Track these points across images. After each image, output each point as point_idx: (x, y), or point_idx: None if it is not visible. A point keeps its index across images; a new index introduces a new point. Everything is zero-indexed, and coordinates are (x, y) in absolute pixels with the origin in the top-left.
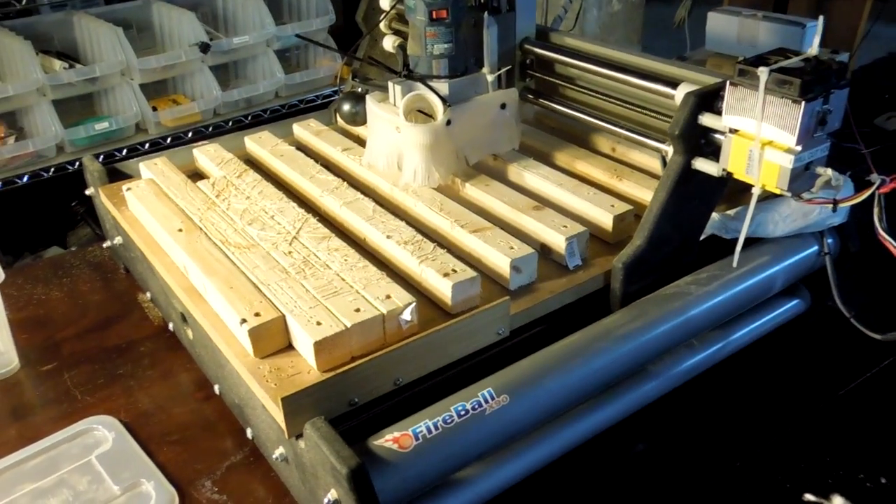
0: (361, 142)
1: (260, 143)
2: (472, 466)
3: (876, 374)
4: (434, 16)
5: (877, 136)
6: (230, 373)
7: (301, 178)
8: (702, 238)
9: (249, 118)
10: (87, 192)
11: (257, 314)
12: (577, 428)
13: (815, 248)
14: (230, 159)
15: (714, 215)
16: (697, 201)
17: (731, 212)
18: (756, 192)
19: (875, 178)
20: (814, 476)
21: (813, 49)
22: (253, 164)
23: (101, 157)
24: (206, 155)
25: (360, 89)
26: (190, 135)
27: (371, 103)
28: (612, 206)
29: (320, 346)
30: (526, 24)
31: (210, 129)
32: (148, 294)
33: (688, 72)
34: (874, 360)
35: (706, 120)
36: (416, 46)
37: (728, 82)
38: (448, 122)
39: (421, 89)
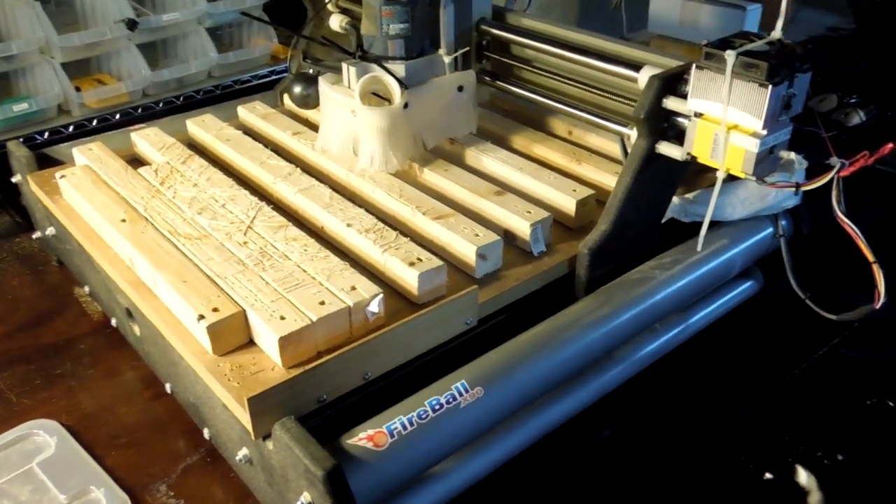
0: (312, 125)
1: (203, 127)
2: (445, 460)
3: (826, 354)
4: None
5: (810, 119)
6: (185, 371)
7: (251, 165)
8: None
9: (181, 99)
10: (14, 180)
11: (215, 309)
12: (545, 417)
13: (770, 230)
14: (172, 144)
15: (674, 199)
16: (660, 185)
17: (690, 195)
18: (721, 175)
19: (835, 161)
20: (774, 455)
21: (776, 33)
22: (196, 149)
23: (21, 140)
24: (146, 140)
25: (311, 71)
26: (118, 116)
27: (324, 86)
28: (574, 190)
29: (285, 342)
30: (482, 4)
31: (139, 110)
32: (86, 288)
33: (650, 55)
34: (824, 340)
35: (670, 103)
36: (371, 26)
37: (694, 65)
38: (405, 106)
39: (377, 71)
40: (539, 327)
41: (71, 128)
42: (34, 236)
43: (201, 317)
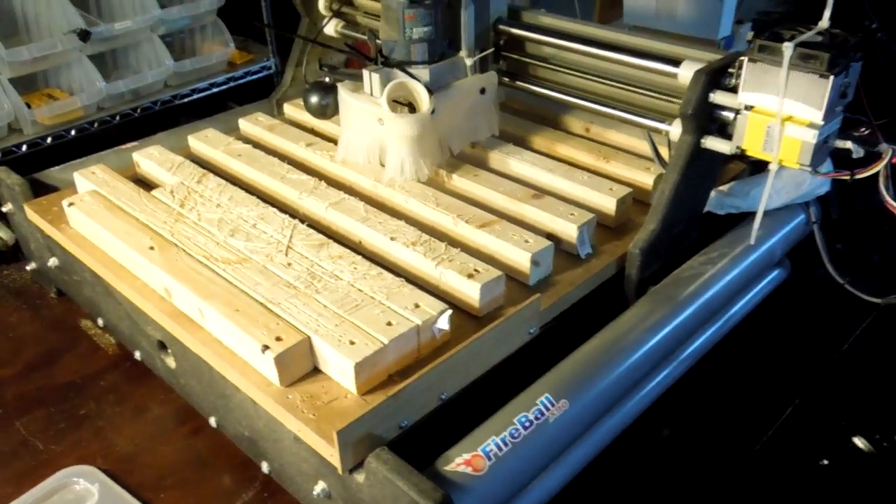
0: (319, 135)
1: (209, 143)
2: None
3: (861, 336)
4: None
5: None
6: (239, 404)
7: (270, 180)
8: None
9: (139, 111)
10: (4, 209)
11: (278, 338)
12: (617, 420)
13: (803, 217)
14: (181, 163)
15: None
16: (702, 180)
17: (724, 188)
18: (773, 168)
19: (885, 147)
20: (833, 441)
21: (823, 22)
22: (203, 166)
23: None
24: (151, 159)
25: (327, 79)
26: (73, 133)
27: (346, 94)
28: (611, 189)
29: (360, 368)
30: (498, 4)
31: (95, 125)
32: (100, 320)
33: (687, 49)
34: (854, 323)
35: (718, 98)
36: (392, 30)
37: (746, 59)
38: (433, 111)
39: (402, 77)
40: (606, 332)
41: (24, 147)
42: (28, 268)
43: (266, 347)
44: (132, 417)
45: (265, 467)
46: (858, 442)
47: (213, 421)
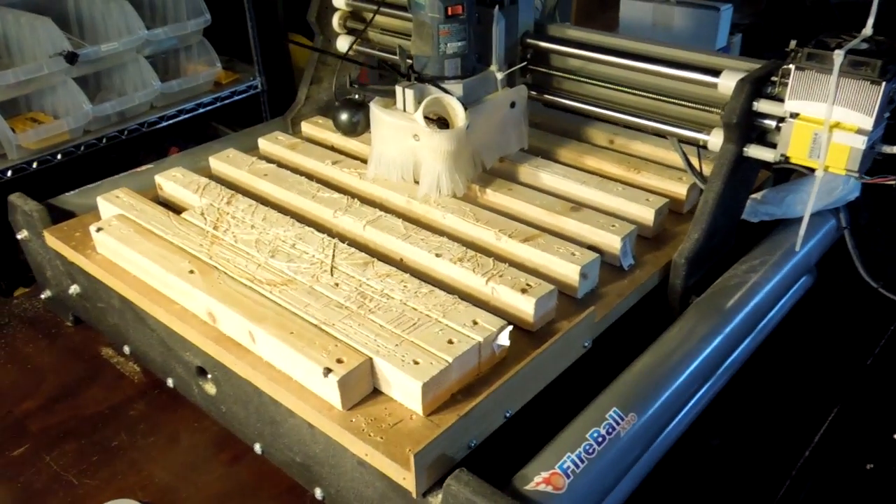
0: (341, 152)
1: (232, 163)
2: None
3: (891, 339)
4: (450, 12)
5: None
6: (292, 429)
7: (301, 199)
8: None
9: (125, 133)
10: (19, 237)
11: (340, 360)
12: (672, 432)
13: (833, 222)
14: (207, 184)
15: None
16: (741, 189)
17: (758, 195)
18: (819, 174)
19: None
20: (877, 445)
21: (867, 29)
22: (227, 186)
23: None
24: (175, 181)
25: (356, 96)
26: (59, 157)
27: (378, 111)
28: (648, 200)
29: (427, 388)
30: (526, 18)
31: (81, 148)
32: (126, 348)
33: (726, 59)
34: (882, 326)
35: (762, 106)
36: (426, 46)
37: (794, 67)
38: (467, 126)
39: (436, 92)
40: (661, 344)
41: (9, 172)
42: (43, 296)
43: (328, 370)
44: (167, 447)
45: (318, 493)
46: None
47: (257, 447)
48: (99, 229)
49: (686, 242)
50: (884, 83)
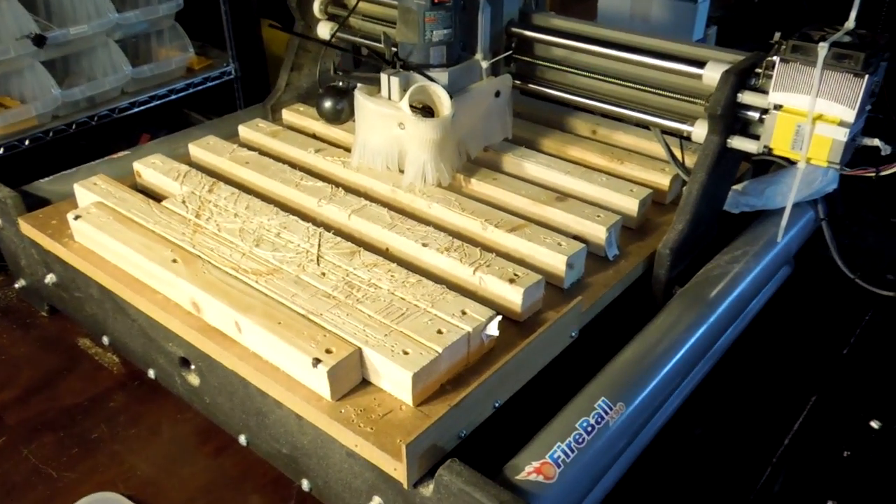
0: (323, 140)
1: (212, 151)
2: None
3: (865, 328)
4: None
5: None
6: (280, 420)
7: (285, 188)
8: None
9: (96, 119)
10: None
11: (329, 351)
12: (658, 421)
13: (811, 214)
14: (188, 171)
15: None
16: (724, 180)
17: (739, 187)
18: (801, 166)
19: None
20: (853, 432)
21: (850, 22)
22: (207, 174)
23: None
24: (154, 168)
25: (340, 83)
26: (27, 143)
27: (363, 98)
28: (632, 190)
29: (418, 378)
30: (511, 7)
31: (50, 134)
32: (105, 339)
33: (710, 51)
34: (857, 316)
35: (747, 98)
36: (411, 33)
37: (778, 59)
38: (453, 115)
39: (422, 80)
40: (649, 334)
41: None
42: (17, 285)
43: (317, 361)
44: (149, 439)
45: (305, 485)
46: (874, 424)
47: (242, 439)
48: (77, 217)
49: (670, 233)
50: (866, 76)
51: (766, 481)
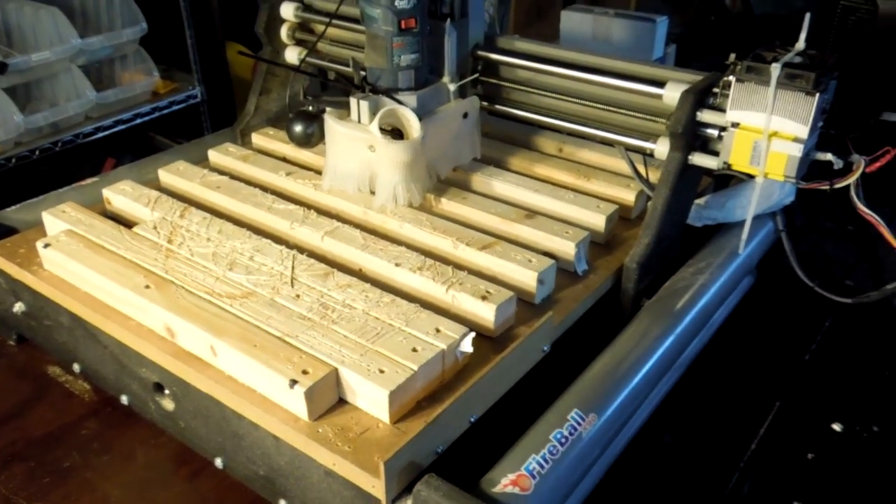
0: (294, 164)
1: (182, 176)
2: None
3: (826, 335)
4: (403, 25)
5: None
6: (256, 442)
7: (256, 211)
8: None
9: (60, 145)
10: None
11: (305, 372)
12: (628, 430)
13: (771, 225)
14: (158, 197)
15: None
16: (687, 195)
17: (701, 201)
18: (759, 181)
19: (857, 158)
20: (817, 436)
21: (800, 43)
22: (178, 199)
23: None
24: (125, 195)
25: (310, 108)
26: None
27: (333, 122)
28: (599, 206)
29: (394, 396)
30: (476, 30)
31: (12, 161)
32: (76, 366)
33: (669, 71)
34: (817, 322)
35: (705, 116)
36: (380, 58)
37: (734, 79)
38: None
39: (391, 104)
40: (618, 346)
41: None
42: None
43: (294, 382)
44: (123, 465)
45: None
46: (836, 427)
47: (218, 462)
48: (46, 245)
49: (637, 247)
50: (817, 94)
51: (734, 485)
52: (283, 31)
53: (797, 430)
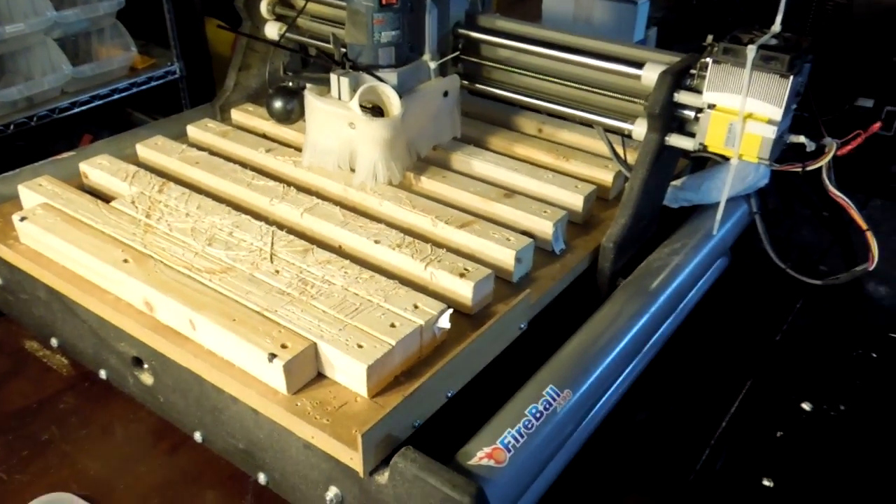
0: (274, 140)
1: (161, 151)
2: None
3: (797, 317)
4: (384, 1)
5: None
6: (235, 416)
7: (236, 187)
8: None
9: (35, 120)
10: None
11: (284, 346)
12: (603, 407)
13: (745, 207)
14: (136, 172)
15: None
16: (664, 176)
17: (677, 182)
18: (734, 162)
19: (829, 141)
20: (787, 414)
21: (776, 26)
22: (155, 174)
23: None
24: (102, 169)
25: (290, 83)
26: None
27: (314, 99)
28: (577, 186)
29: (372, 371)
30: (457, 9)
31: None
32: (53, 341)
33: (648, 52)
34: (787, 304)
35: (682, 97)
36: (360, 34)
37: (711, 60)
38: (402, 114)
39: (372, 81)
40: (594, 324)
41: None
42: None
43: (273, 356)
44: (101, 439)
45: (262, 479)
46: (806, 406)
47: (197, 436)
48: (23, 218)
49: (613, 227)
50: (791, 76)
51: (705, 461)
52: (263, 6)
53: (767, 409)
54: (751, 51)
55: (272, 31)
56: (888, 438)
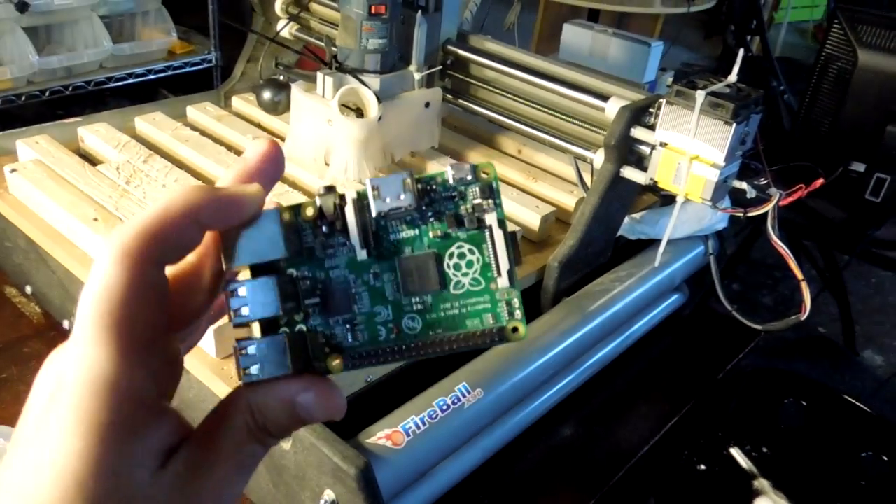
0: (267, 130)
1: (156, 125)
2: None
3: (743, 359)
4: (373, 10)
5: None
6: None
7: (217, 168)
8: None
9: (70, 89)
10: None
11: None
12: (526, 415)
13: (702, 248)
14: (128, 142)
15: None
16: (618, 206)
17: (637, 215)
18: (680, 200)
19: (774, 191)
20: (711, 448)
21: (732, 76)
22: (148, 147)
23: None
24: (97, 135)
25: (281, 77)
26: None
27: (298, 93)
28: (537, 206)
29: None
30: (449, 26)
31: (22, 98)
32: (28, 288)
33: (616, 87)
34: (739, 346)
35: (638, 133)
36: (349, 39)
37: (665, 101)
38: (379, 118)
39: (354, 83)
40: None
41: None
42: None
43: None
44: None
45: None
46: (734, 452)
47: None
48: (13, 170)
49: (561, 248)
50: (734, 124)
51: (616, 482)
52: (278, 5)
53: (694, 442)
54: (700, 95)
55: (285, 30)
56: (804, 485)
